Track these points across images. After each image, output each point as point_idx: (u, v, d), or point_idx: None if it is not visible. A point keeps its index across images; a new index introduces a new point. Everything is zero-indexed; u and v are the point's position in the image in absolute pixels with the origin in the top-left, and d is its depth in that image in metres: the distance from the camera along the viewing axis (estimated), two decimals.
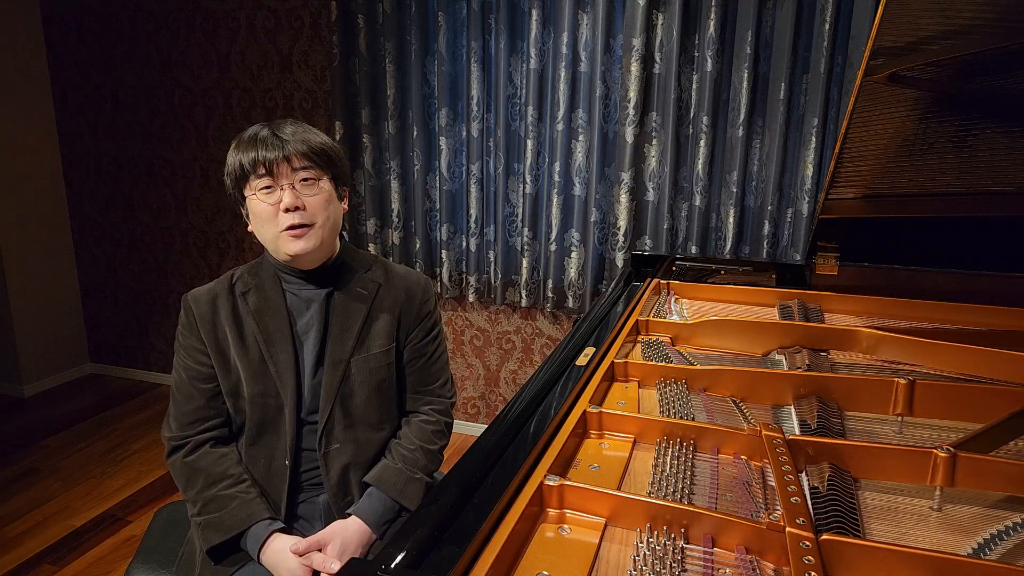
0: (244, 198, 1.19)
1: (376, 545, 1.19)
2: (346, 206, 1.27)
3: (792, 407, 1.07)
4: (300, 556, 1.10)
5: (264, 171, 1.13)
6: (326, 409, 1.21)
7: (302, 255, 1.17)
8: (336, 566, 1.09)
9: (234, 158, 1.16)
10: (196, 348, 1.23)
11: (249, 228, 1.21)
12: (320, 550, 1.12)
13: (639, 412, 1.04)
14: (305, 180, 1.16)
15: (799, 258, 2.31)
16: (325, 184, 1.18)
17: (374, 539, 1.18)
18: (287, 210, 1.14)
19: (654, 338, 1.39)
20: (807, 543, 0.65)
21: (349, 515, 1.18)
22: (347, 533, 1.15)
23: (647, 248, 2.55)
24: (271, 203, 1.15)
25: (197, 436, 1.22)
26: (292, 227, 1.14)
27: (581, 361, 1.14)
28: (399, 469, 1.23)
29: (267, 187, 1.15)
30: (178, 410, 1.23)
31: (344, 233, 1.32)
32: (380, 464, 1.25)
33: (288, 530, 1.17)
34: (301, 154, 1.14)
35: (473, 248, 2.75)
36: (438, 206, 2.76)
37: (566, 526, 0.76)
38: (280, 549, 1.12)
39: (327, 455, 1.22)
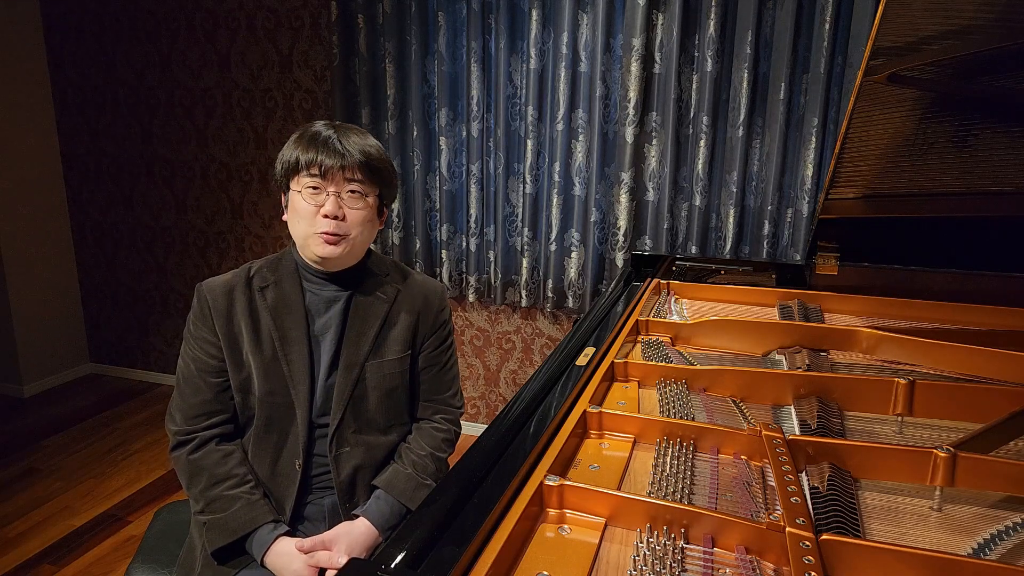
0: (289, 189, 1.19)
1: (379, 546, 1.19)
2: (382, 224, 1.28)
3: (792, 407, 1.07)
4: (306, 554, 1.10)
5: (317, 172, 1.14)
6: (338, 413, 1.21)
7: (329, 259, 1.18)
8: (343, 559, 1.10)
9: (292, 152, 1.16)
10: (208, 340, 1.22)
11: (284, 217, 1.22)
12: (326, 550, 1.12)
13: (639, 412, 1.04)
14: (353, 192, 1.16)
15: (799, 258, 2.31)
16: (371, 200, 1.19)
17: (379, 541, 1.18)
18: (327, 216, 1.14)
19: (654, 338, 1.39)
20: (807, 543, 0.65)
21: (356, 516, 1.18)
22: (354, 535, 1.15)
23: (647, 248, 2.55)
24: (314, 204, 1.15)
25: (203, 432, 1.21)
26: (327, 233, 1.15)
27: (581, 361, 1.14)
28: (409, 475, 1.23)
29: (314, 188, 1.15)
30: (184, 402, 1.21)
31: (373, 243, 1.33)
32: (391, 468, 1.25)
33: (292, 533, 1.17)
34: (358, 166, 1.15)
35: (473, 248, 2.75)
36: (438, 206, 2.76)
37: (566, 526, 0.76)
38: (284, 552, 1.12)
39: (338, 458, 1.22)
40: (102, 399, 3.42)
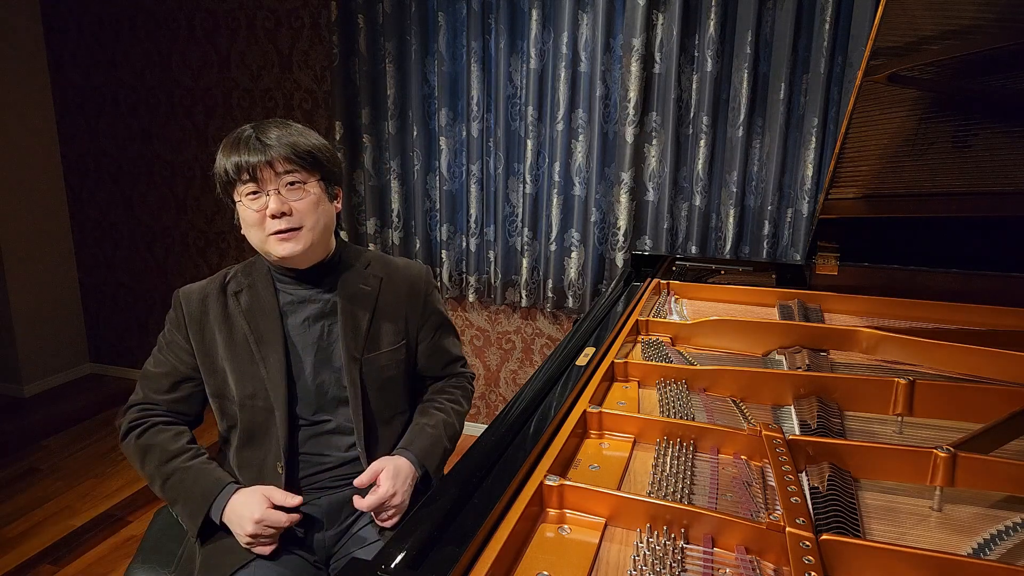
0: (234, 202, 1.17)
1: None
2: (339, 205, 1.25)
3: (792, 407, 1.07)
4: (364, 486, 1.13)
5: (248, 177, 1.11)
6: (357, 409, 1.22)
7: (291, 257, 1.16)
8: (389, 489, 1.11)
9: (220, 162, 1.14)
10: (181, 347, 1.23)
11: (242, 231, 1.20)
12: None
13: (639, 412, 1.04)
14: (292, 184, 1.13)
15: (799, 258, 2.31)
16: (313, 187, 1.16)
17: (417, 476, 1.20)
18: (273, 216, 1.12)
19: (654, 338, 1.39)
20: (807, 543, 0.65)
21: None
22: (398, 461, 1.17)
23: (647, 248, 2.55)
24: (257, 209, 1.13)
25: (153, 418, 1.22)
26: (279, 231, 1.13)
27: (581, 361, 1.14)
28: (422, 426, 1.26)
29: (253, 192, 1.13)
30: (144, 397, 1.25)
31: (341, 232, 1.31)
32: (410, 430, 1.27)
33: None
34: (285, 158, 1.12)
35: (473, 248, 2.75)
36: (438, 206, 2.76)
37: (566, 526, 0.76)
38: (240, 502, 1.10)
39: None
40: (102, 399, 3.42)
